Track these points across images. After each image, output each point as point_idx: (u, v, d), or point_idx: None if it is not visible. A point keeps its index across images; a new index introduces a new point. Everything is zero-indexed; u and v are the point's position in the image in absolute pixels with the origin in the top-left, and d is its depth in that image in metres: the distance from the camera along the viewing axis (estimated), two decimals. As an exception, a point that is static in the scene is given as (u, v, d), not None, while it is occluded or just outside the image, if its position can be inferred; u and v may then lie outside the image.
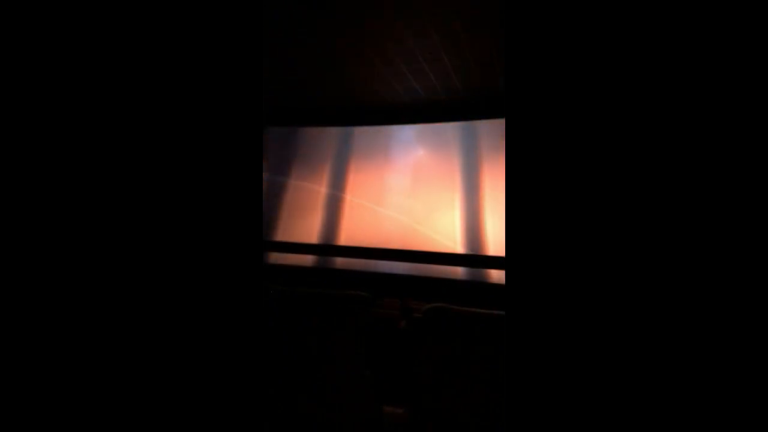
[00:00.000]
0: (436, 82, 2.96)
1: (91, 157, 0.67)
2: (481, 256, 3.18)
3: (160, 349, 0.67)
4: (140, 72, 0.69)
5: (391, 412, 1.31)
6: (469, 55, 2.53)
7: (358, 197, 3.67)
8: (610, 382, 0.58)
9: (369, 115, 3.67)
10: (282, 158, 3.95)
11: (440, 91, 3.12)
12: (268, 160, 3.92)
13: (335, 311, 1.26)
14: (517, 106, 0.66)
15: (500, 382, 1.08)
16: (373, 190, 3.63)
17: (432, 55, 2.54)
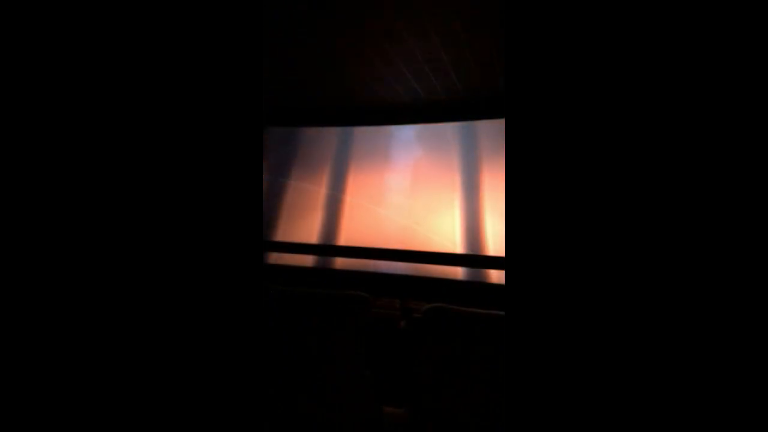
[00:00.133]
0: (436, 82, 2.96)
1: (91, 157, 0.67)
2: (481, 256, 3.17)
3: (160, 349, 0.67)
4: (140, 72, 0.69)
5: (391, 412, 1.31)
6: (469, 55, 2.53)
7: (358, 197, 3.66)
8: (610, 382, 0.58)
9: (369, 115, 3.67)
10: (282, 158, 3.95)
11: (440, 91, 3.12)
12: (268, 160, 3.91)
13: (335, 311, 1.26)
14: (517, 106, 0.66)
15: (500, 382, 1.08)
16: (373, 190, 3.63)
17: (432, 55, 2.54)
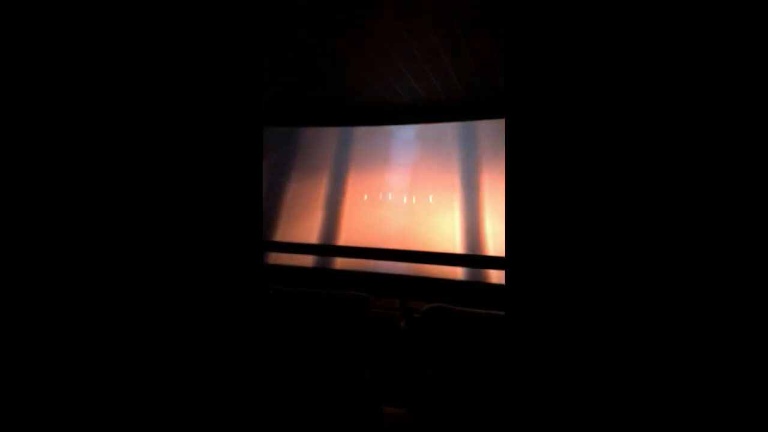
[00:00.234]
0: (436, 82, 2.96)
1: (91, 157, 0.67)
2: (481, 256, 3.17)
3: (160, 349, 0.67)
4: (140, 72, 0.69)
5: (391, 412, 1.31)
6: (469, 55, 2.52)
7: (358, 197, 3.66)
8: (610, 382, 0.58)
9: (369, 115, 3.67)
10: (282, 158, 3.95)
11: (440, 91, 3.12)
12: (268, 160, 3.91)
13: (335, 311, 1.26)
14: (517, 106, 0.66)
15: (500, 382, 1.08)
16: (372, 190, 3.63)
17: (432, 55, 2.54)
